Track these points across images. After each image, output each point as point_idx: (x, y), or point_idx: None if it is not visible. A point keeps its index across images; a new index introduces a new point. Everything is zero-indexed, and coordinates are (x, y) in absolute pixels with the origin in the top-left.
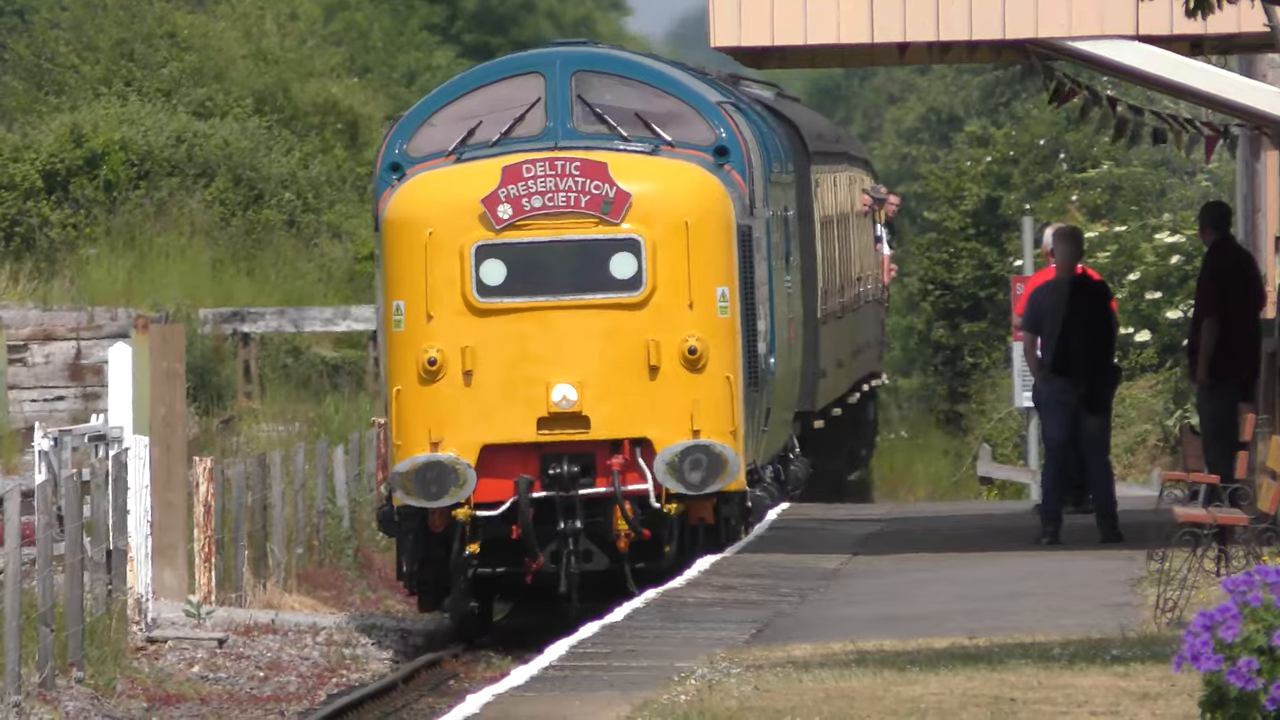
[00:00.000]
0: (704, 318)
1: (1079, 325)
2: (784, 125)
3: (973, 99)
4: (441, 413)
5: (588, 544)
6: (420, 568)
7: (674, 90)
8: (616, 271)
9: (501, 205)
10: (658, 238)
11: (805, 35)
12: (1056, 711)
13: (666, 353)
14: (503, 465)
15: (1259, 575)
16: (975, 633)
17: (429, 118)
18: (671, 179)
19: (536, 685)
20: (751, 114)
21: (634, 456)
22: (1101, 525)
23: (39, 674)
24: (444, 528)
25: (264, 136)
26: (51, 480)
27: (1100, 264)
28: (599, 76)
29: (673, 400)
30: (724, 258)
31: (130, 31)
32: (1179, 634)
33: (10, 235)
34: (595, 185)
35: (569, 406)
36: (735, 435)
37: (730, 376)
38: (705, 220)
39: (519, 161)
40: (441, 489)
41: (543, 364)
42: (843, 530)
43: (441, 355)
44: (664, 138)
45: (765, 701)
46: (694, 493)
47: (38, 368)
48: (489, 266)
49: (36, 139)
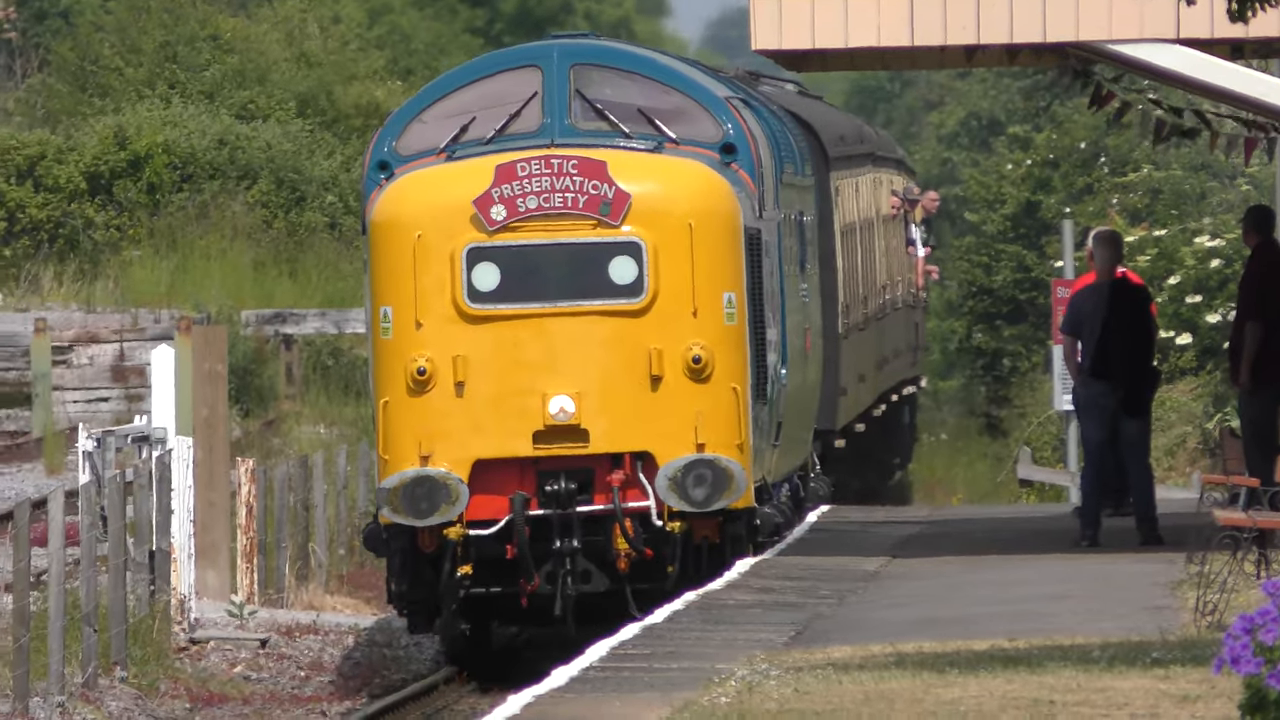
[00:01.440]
0: (709, 325)
1: (1119, 329)
2: (801, 127)
3: (1014, 103)
4: (431, 426)
5: (586, 564)
6: (409, 589)
7: (678, 85)
8: (616, 276)
9: (495, 206)
10: (660, 240)
11: (846, 38)
12: (1096, 714)
13: (669, 362)
14: (496, 481)
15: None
16: (1014, 635)
17: (420, 114)
18: (674, 178)
19: (577, 686)
20: (764, 112)
21: (635, 472)
22: (1141, 528)
23: (82, 674)
24: (434, 547)
25: (306, 139)
26: (95, 481)
27: (1140, 267)
28: (599, 70)
29: (676, 412)
30: (730, 262)
31: (174, 34)
32: (1219, 637)
33: (54, 237)
34: (594, 185)
35: (566, 419)
36: (742, 449)
37: (737, 387)
38: (710, 222)
39: (513, 160)
40: (432, 506)
41: (538, 374)
42: (882, 533)
43: (431, 365)
44: (667, 135)
45: (804, 704)
46: (698, 510)
47: (82, 369)
48: (481, 271)
49: (80, 141)
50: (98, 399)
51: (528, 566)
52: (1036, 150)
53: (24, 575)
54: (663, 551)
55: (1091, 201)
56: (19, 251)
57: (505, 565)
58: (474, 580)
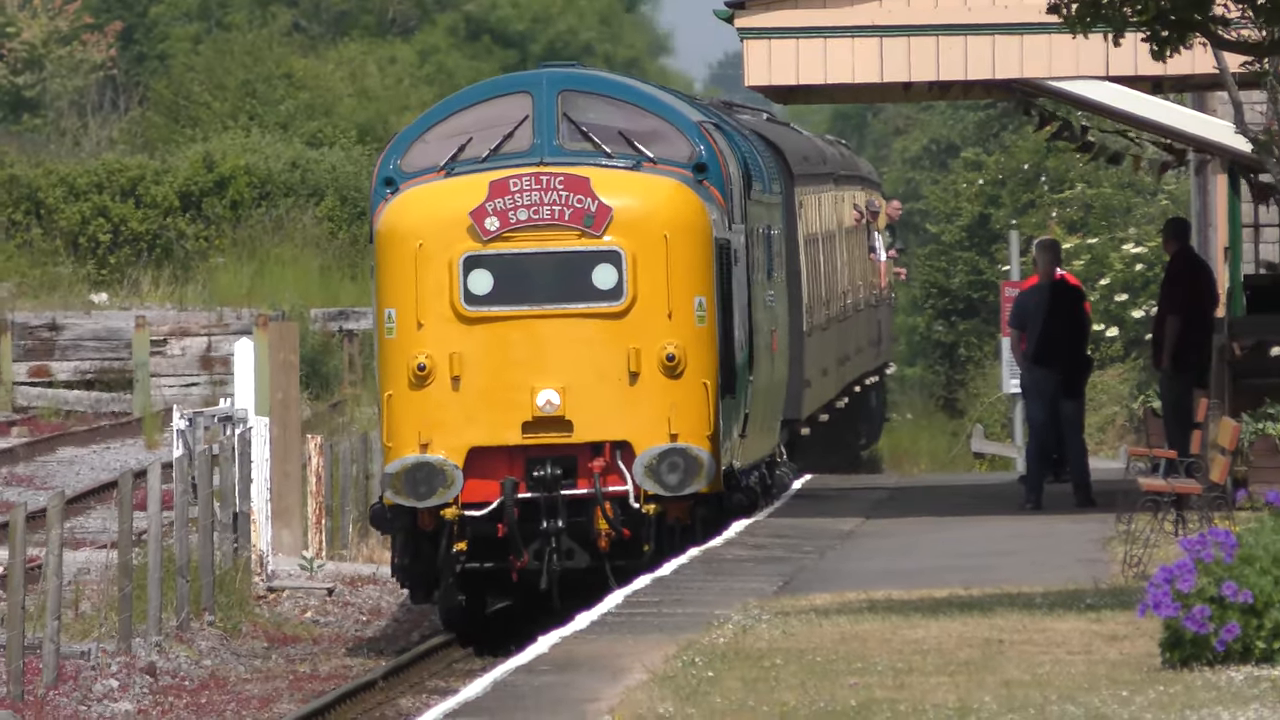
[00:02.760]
0: (682, 326)
1: (1058, 323)
2: (769, 149)
3: (968, 130)
4: (430, 416)
5: (570, 543)
6: (410, 563)
7: (655, 109)
8: (598, 282)
9: (489, 218)
10: (638, 249)
11: (825, 75)
12: (1038, 651)
13: (646, 360)
14: (489, 467)
15: (1211, 536)
16: (969, 584)
17: (422, 134)
18: (652, 194)
19: (596, 629)
20: (734, 134)
21: (614, 459)
22: (1077, 493)
23: (176, 618)
24: (433, 526)
25: (366, 162)
26: (187, 455)
27: (1076, 270)
28: (584, 96)
29: (652, 405)
30: (702, 269)
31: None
32: (1143, 586)
33: (152, 247)
34: (578, 199)
35: (552, 411)
36: (712, 439)
37: (707, 383)
38: (684, 233)
39: (506, 176)
40: (430, 489)
41: (527, 370)
42: (857, 497)
43: (431, 361)
44: (645, 154)
45: (790, 643)
46: (671, 494)
47: (175, 359)
48: (476, 276)
49: (174, 165)
50: (189, 384)
51: (517, 544)
52: (987, 171)
53: (127, 535)
54: (639, 532)
55: (1034, 214)
56: (122, 259)
57: (497, 543)
58: (469, 556)
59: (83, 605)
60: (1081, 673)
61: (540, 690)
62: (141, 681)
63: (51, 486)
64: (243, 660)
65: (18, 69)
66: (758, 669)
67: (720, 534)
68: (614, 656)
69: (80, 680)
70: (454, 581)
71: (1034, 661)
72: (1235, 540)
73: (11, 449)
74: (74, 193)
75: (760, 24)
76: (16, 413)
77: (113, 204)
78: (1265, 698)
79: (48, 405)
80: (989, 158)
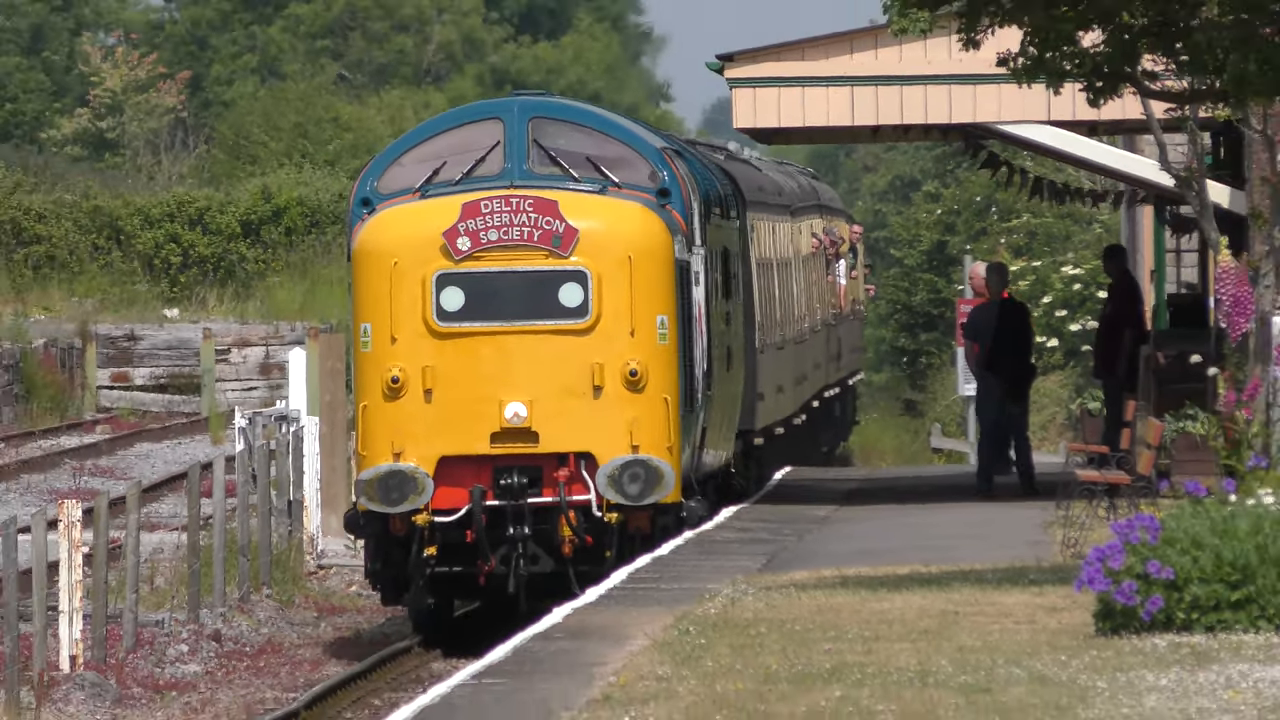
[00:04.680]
0: (644, 343)
1: (1006, 335)
2: (728, 180)
3: (928, 166)
4: (403, 426)
5: (535, 548)
6: (383, 567)
7: (621, 136)
8: (565, 300)
9: (461, 238)
10: (603, 270)
11: (803, 119)
12: (988, 621)
13: (609, 375)
14: (458, 475)
15: (1138, 521)
16: (929, 563)
17: (398, 158)
18: (617, 217)
19: (604, 602)
20: (695, 163)
21: (578, 469)
22: (1022, 483)
23: (238, 592)
24: (404, 531)
25: None
26: (248, 449)
27: (1021, 290)
28: (553, 123)
29: (614, 418)
30: (664, 289)
31: (305, 117)
32: (1079, 564)
33: (217, 268)
34: (547, 221)
35: (520, 422)
36: (671, 451)
37: (668, 398)
38: (647, 255)
39: (477, 198)
40: (402, 496)
41: (496, 383)
42: (831, 488)
43: (404, 374)
44: (611, 179)
45: (773, 614)
46: (632, 503)
47: (237, 366)
48: (448, 294)
49: (236, 196)
50: (249, 388)
51: (485, 550)
52: (944, 202)
53: (195, 519)
54: (601, 539)
55: (986, 240)
56: (191, 279)
57: (465, 548)
58: (438, 560)
59: (157, 580)
60: (1026, 640)
61: (555, 655)
62: (208, 646)
63: (129, 477)
64: (296, 628)
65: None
66: (744, 636)
67: (719, 514)
68: (619, 626)
69: (155, 645)
70: (424, 584)
71: (985, 630)
72: (1159, 525)
73: (95, 444)
74: (149, 221)
75: (746, 75)
76: (100, 413)
77: (183, 231)
78: (1185, 661)
79: (126, 406)
80: (946, 191)
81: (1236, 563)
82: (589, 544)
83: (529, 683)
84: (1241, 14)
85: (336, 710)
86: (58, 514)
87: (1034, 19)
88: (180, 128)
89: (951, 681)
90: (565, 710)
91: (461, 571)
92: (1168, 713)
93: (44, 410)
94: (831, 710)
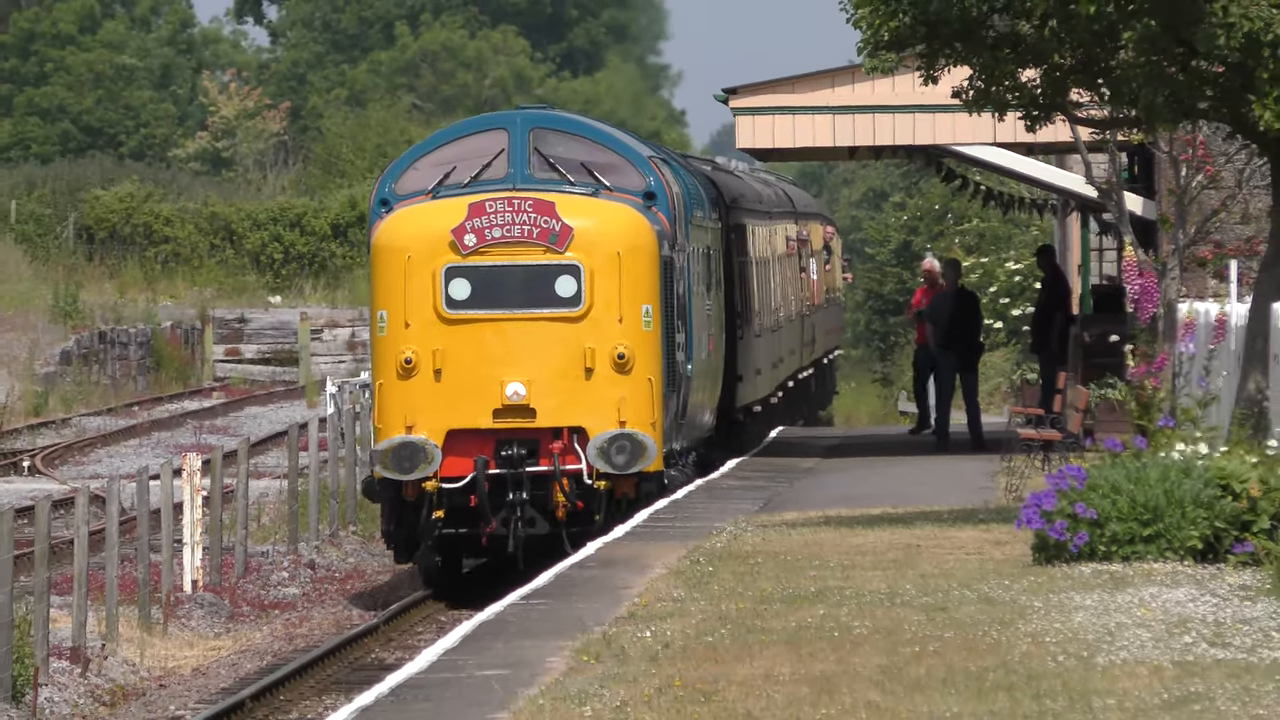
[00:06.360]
0: (631, 330)
1: (959, 318)
2: (713, 187)
3: (896, 181)
4: (415, 403)
5: (532, 512)
6: (396, 528)
7: (613, 145)
8: (560, 291)
9: (468, 235)
10: (595, 264)
11: (793, 141)
12: (945, 552)
13: (600, 358)
14: (464, 446)
15: (1067, 471)
16: (897, 505)
17: (413, 163)
18: (608, 217)
19: (629, 538)
20: (680, 170)
21: (571, 442)
22: (973, 441)
23: (329, 528)
24: (415, 496)
25: None
26: (337, 412)
27: (972, 281)
28: (553, 133)
29: (604, 397)
30: (649, 282)
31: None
32: (1019, 506)
33: (312, 263)
34: (545, 220)
35: (519, 400)
36: (655, 426)
37: (652, 379)
38: (634, 251)
39: (483, 199)
40: (413, 464)
41: (498, 365)
42: (816, 444)
43: (416, 356)
44: (603, 183)
45: (768, 546)
46: (619, 472)
47: (328, 343)
48: (456, 285)
49: (328, 204)
50: (338, 361)
51: (487, 513)
52: (909, 209)
53: (294, 470)
54: (591, 504)
55: (943, 240)
56: (291, 271)
57: (470, 511)
58: (446, 523)
59: (263, 519)
60: (975, 568)
61: (589, 580)
62: (304, 573)
63: (240, 434)
64: (375, 558)
65: (218, 137)
66: (744, 565)
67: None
68: (641, 557)
69: (261, 572)
70: (432, 544)
71: (942, 560)
72: (1085, 474)
73: (212, 408)
74: (256, 224)
75: (747, 104)
76: (215, 382)
77: (284, 232)
78: (1105, 585)
79: (238, 376)
80: (910, 200)
81: (1148, 504)
82: (580, 508)
83: (568, 603)
84: (1152, 56)
85: (409, 624)
86: (181, 464)
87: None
88: (283, 148)
89: (915, 602)
90: (598, 625)
91: (466, 533)
92: (1092, 626)
93: (170, 379)
94: (816, 625)
